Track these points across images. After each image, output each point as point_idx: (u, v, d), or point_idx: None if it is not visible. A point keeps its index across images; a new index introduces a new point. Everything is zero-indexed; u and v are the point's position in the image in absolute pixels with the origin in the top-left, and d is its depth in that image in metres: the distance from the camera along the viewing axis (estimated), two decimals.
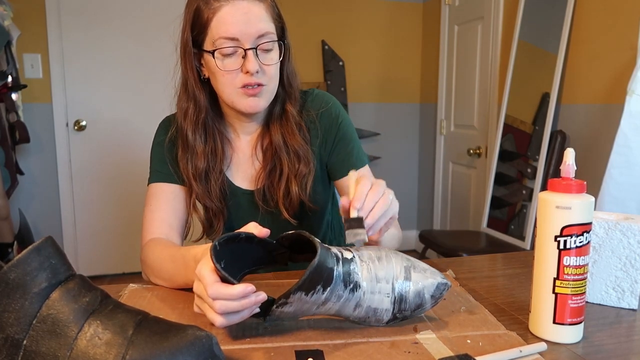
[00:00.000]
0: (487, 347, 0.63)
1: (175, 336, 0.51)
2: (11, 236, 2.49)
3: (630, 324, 0.72)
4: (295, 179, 0.98)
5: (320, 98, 1.04)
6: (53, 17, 2.85)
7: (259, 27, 0.88)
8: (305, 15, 3.23)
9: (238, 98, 0.92)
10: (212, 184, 0.98)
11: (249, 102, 0.92)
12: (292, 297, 0.61)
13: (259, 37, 0.89)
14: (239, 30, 0.87)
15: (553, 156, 2.25)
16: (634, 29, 1.87)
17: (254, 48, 0.88)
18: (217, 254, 0.60)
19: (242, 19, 0.87)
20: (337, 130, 1.03)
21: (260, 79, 0.90)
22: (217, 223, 1.01)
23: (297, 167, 0.98)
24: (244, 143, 1.03)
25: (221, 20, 0.87)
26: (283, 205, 0.99)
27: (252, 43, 0.88)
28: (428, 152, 3.50)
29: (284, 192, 0.99)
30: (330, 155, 1.04)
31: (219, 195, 0.99)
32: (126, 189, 3.07)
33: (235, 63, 0.89)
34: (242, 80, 0.90)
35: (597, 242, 0.77)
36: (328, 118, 1.03)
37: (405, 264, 0.69)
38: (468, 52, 2.98)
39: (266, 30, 0.89)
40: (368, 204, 0.70)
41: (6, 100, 2.52)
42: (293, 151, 0.98)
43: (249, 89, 0.90)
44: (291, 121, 0.99)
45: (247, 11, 0.87)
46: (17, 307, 0.50)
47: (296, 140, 0.98)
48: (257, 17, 0.88)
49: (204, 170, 0.97)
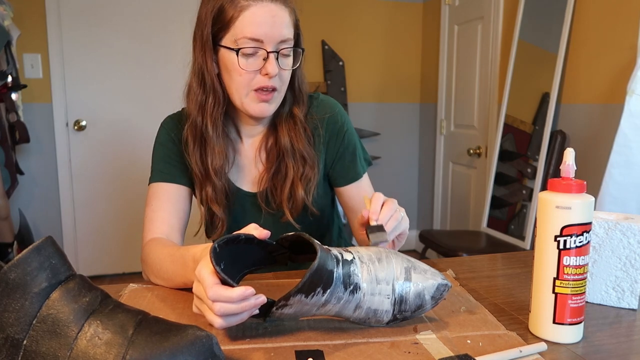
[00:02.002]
0: (487, 347, 0.63)
1: (175, 336, 0.51)
2: (11, 236, 2.49)
3: (630, 324, 0.72)
4: (300, 182, 0.98)
5: (325, 104, 1.05)
6: (53, 17, 2.84)
7: (283, 32, 0.89)
8: (305, 15, 3.20)
9: (249, 101, 0.92)
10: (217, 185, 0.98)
11: (260, 106, 0.92)
12: (292, 300, 0.61)
13: (282, 41, 0.89)
14: (264, 32, 0.87)
15: (553, 156, 2.25)
16: (634, 29, 1.87)
17: (276, 52, 0.89)
18: (216, 256, 0.60)
19: (269, 21, 0.87)
20: (343, 139, 1.04)
21: (275, 83, 0.91)
22: (218, 223, 1.01)
23: (302, 171, 0.98)
24: (246, 146, 1.03)
25: (247, 20, 0.87)
26: (287, 208, 0.99)
27: (274, 46, 0.89)
28: (428, 152, 3.50)
29: (288, 195, 0.98)
30: (333, 163, 1.05)
31: (224, 194, 0.99)
32: (126, 188, 3.07)
33: (256, 64, 0.89)
34: (258, 82, 0.90)
35: (597, 242, 0.77)
36: (334, 125, 1.03)
37: (406, 265, 0.69)
38: (468, 52, 2.98)
39: (288, 36, 0.90)
40: (384, 215, 0.78)
41: (6, 100, 2.52)
42: (300, 154, 0.98)
43: (262, 93, 0.90)
44: (298, 124, 0.99)
45: (275, 14, 0.88)
46: (17, 307, 0.50)
47: (303, 143, 0.99)
48: (282, 22, 0.89)
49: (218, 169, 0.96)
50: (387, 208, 0.79)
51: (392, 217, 0.78)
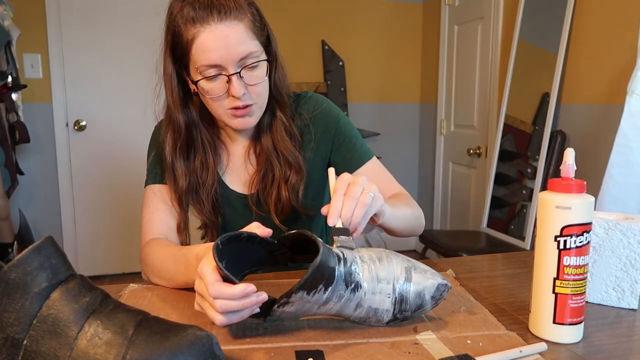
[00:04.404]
0: (488, 348, 0.63)
1: (175, 336, 0.51)
2: (11, 236, 2.49)
3: (630, 324, 0.72)
4: (285, 185, 0.97)
5: (313, 100, 1.03)
6: (53, 17, 2.85)
7: (240, 50, 0.84)
8: (305, 15, 3.23)
9: (228, 119, 0.91)
10: (204, 199, 0.98)
11: (239, 121, 0.91)
12: (294, 297, 0.61)
13: (242, 59, 0.85)
14: (219, 57, 0.84)
15: (553, 156, 2.25)
16: (634, 29, 1.87)
17: (238, 72, 0.86)
18: (219, 253, 0.60)
19: (221, 45, 0.83)
20: (336, 129, 1.01)
21: (247, 101, 0.89)
22: (209, 234, 1.01)
23: (287, 174, 0.98)
24: (239, 147, 1.03)
25: (200, 48, 0.84)
26: (274, 212, 0.98)
27: (235, 67, 0.85)
28: (428, 152, 3.50)
29: (276, 198, 0.98)
30: (332, 154, 1.03)
31: (211, 208, 0.99)
32: (126, 188, 3.07)
33: (220, 88, 0.87)
34: (229, 103, 0.88)
35: (597, 242, 0.77)
36: (323, 119, 1.02)
37: (406, 265, 0.69)
38: (468, 52, 2.98)
39: (249, 51, 0.85)
40: (345, 212, 0.69)
41: (6, 100, 2.52)
42: (283, 157, 0.97)
43: (237, 110, 0.89)
44: (280, 127, 0.98)
45: (226, 35, 0.83)
46: (17, 307, 0.50)
47: (286, 146, 0.97)
48: (237, 40, 0.84)
49: (194, 187, 0.96)
50: (348, 199, 0.69)
51: (356, 208, 0.69)
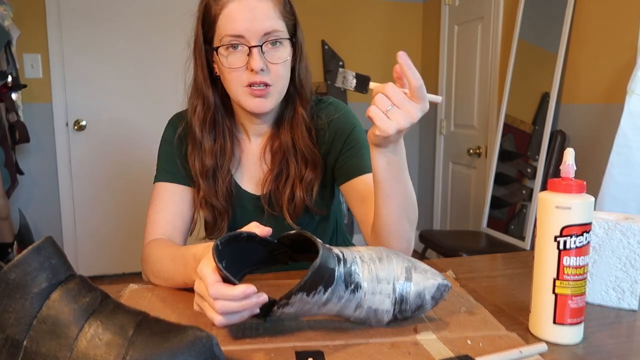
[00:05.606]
0: (488, 348, 0.63)
1: (175, 336, 0.51)
2: (11, 236, 2.49)
3: (630, 324, 0.72)
4: (300, 183, 0.97)
5: (334, 106, 1.03)
6: (53, 17, 2.84)
7: (265, 25, 0.87)
8: (305, 15, 3.21)
9: (244, 97, 0.91)
10: (220, 183, 0.98)
11: (255, 102, 0.91)
12: (294, 298, 0.60)
13: (265, 34, 0.87)
14: (244, 28, 0.86)
15: (553, 156, 2.25)
16: (634, 29, 1.87)
17: (259, 46, 0.87)
18: (219, 254, 0.60)
19: (248, 16, 0.86)
20: (349, 134, 0.99)
21: (265, 78, 0.89)
22: (221, 222, 1.00)
23: (303, 172, 0.97)
24: (253, 145, 1.02)
25: (227, 17, 0.87)
26: (287, 211, 0.98)
27: (257, 41, 0.87)
28: (428, 152, 3.50)
29: (289, 197, 0.97)
30: (339, 158, 1.00)
31: (225, 194, 0.99)
32: (126, 188, 3.07)
33: (240, 60, 0.88)
34: (247, 78, 0.89)
35: (597, 242, 0.77)
36: (340, 124, 1.00)
37: (406, 265, 0.69)
38: (468, 52, 2.98)
39: (273, 27, 0.88)
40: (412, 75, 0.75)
41: (6, 100, 2.52)
42: (301, 154, 0.97)
43: (255, 89, 0.89)
44: (301, 123, 0.97)
45: (254, 7, 0.86)
46: (17, 308, 0.50)
47: (305, 143, 0.97)
48: (264, 14, 0.87)
49: (212, 168, 0.97)
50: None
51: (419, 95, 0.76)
